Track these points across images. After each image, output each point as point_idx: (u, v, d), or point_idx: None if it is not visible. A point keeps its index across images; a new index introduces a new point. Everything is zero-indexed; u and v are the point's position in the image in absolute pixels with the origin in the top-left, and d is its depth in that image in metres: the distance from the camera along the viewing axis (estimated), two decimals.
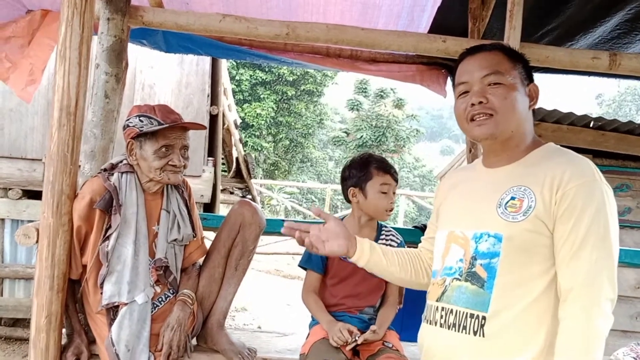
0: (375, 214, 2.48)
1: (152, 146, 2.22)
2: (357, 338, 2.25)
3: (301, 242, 1.78)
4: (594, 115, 4.96)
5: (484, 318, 1.56)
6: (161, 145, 2.22)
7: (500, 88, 1.63)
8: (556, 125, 4.81)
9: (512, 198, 1.60)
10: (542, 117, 4.72)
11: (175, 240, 2.32)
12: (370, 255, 1.82)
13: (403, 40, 2.83)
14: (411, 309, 2.72)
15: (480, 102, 1.64)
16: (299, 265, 2.59)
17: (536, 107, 1.73)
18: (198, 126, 2.35)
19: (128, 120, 2.25)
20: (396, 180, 2.46)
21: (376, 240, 2.51)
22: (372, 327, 2.30)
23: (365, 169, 2.46)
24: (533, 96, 1.70)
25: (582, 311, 1.46)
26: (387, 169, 2.44)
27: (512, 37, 2.74)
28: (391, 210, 2.45)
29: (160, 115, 2.23)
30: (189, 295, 2.32)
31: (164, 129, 2.21)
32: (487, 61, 1.67)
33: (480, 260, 1.60)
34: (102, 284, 2.16)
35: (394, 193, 2.45)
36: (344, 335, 2.23)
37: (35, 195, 5.64)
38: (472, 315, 1.59)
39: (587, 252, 1.48)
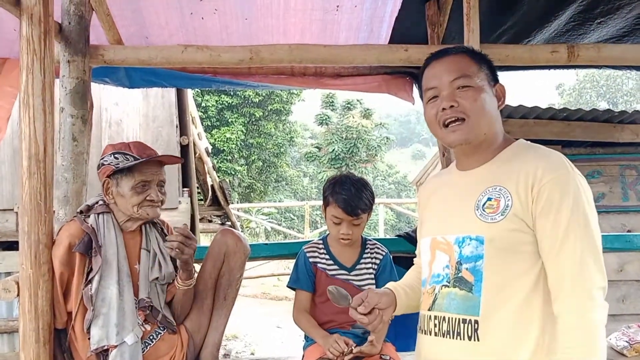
0: (332, 236, 2.50)
1: (128, 182, 2.20)
2: (352, 348, 2.24)
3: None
4: (557, 106, 5.07)
5: (476, 322, 1.56)
6: (138, 181, 2.20)
7: (469, 91, 1.64)
8: (523, 121, 4.89)
9: (489, 199, 1.60)
10: (508, 113, 4.80)
11: (156, 278, 2.29)
12: (406, 302, 1.84)
13: (366, 53, 2.85)
14: (404, 319, 2.71)
15: (452, 106, 1.63)
16: (288, 286, 2.57)
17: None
18: (174, 159, 2.35)
19: (102, 159, 2.24)
20: (354, 215, 2.36)
21: (361, 255, 2.52)
22: (370, 338, 2.28)
23: (327, 192, 2.45)
24: (500, 96, 1.71)
25: (577, 306, 1.47)
26: (340, 203, 2.36)
27: (472, 39, 2.79)
28: (345, 239, 2.41)
29: (135, 151, 2.23)
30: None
31: (140, 164, 2.20)
32: (454, 65, 1.68)
33: (466, 265, 1.60)
34: (88, 328, 2.12)
35: (356, 225, 2.39)
36: (340, 345, 2.22)
37: (10, 246, 5.52)
38: (464, 321, 1.58)
39: (571, 244, 1.49)
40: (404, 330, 2.72)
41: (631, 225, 5.07)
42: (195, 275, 2.32)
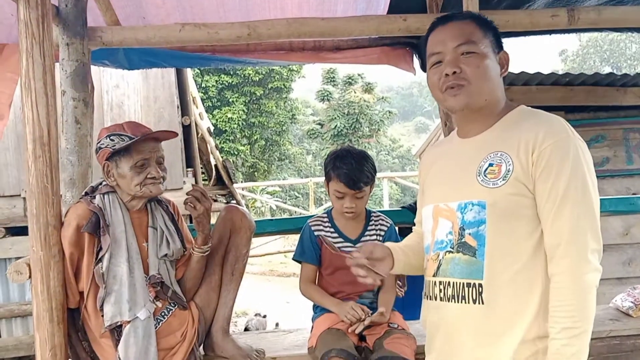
0: (336, 210, 2.51)
1: (127, 163, 2.21)
2: (368, 316, 2.27)
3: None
4: (560, 72, 5.04)
5: (480, 286, 1.58)
6: (136, 160, 2.21)
7: (473, 57, 1.63)
8: (526, 87, 4.87)
9: (490, 164, 1.61)
10: (510, 81, 4.77)
11: (165, 255, 2.32)
12: (404, 259, 1.85)
13: (364, 24, 2.84)
14: (410, 288, 2.76)
15: (454, 72, 1.63)
16: (293, 259, 2.60)
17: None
18: (169, 134, 2.35)
19: (99, 143, 2.25)
20: (357, 189, 2.38)
21: (366, 227, 2.54)
22: (381, 309, 2.32)
23: (328, 167, 2.46)
24: (504, 63, 1.71)
25: (570, 268, 1.49)
26: (342, 177, 2.38)
27: (471, 6, 2.77)
28: (349, 212, 2.43)
29: (130, 131, 2.23)
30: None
31: (137, 143, 2.20)
32: (459, 30, 1.67)
33: (469, 230, 1.62)
34: (101, 306, 2.15)
35: (359, 198, 2.41)
36: (357, 312, 2.26)
37: (19, 231, 5.57)
38: (469, 285, 1.61)
39: (569, 208, 1.51)
40: (411, 299, 2.76)
41: (636, 188, 5.07)
42: (211, 242, 2.35)
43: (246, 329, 6.74)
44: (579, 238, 1.50)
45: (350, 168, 2.37)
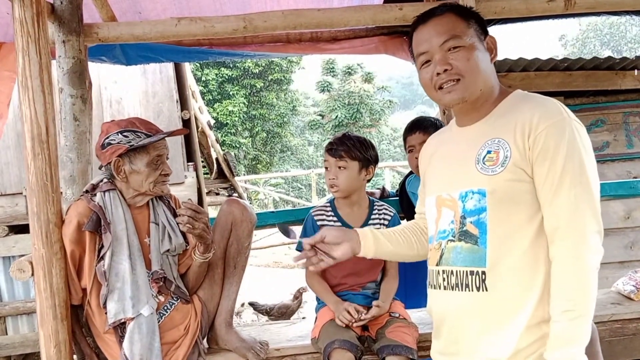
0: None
1: (143, 159, 2.23)
2: (362, 316, 2.29)
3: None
4: (560, 57, 5.01)
5: (483, 273, 1.59)
6: (153, 156, 2.24)
7: (461, 51, 1.63)
8: (524, 73, 4.85)
9: (488, 152, 1.62)
10: (509, 67, 4.75)
11: (167, 250, 2.33)
12: (376, 247, 1.85)
13: (360, 14, 2.83)
14: (413, 277, 2.77)
15: (446, 70, 1.64)
16: (297, 249, 2.61)
17: (501, 58, 1.74)
18: (182, 131, 2.47)
19: (108, 138, 2.22)
20: (336, 156, 2.45)
21: (369, 216, 2.54)
22: (375, 303, 2.34)
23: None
24: (492, 49, 1.71)
25: (570, 249, 1.50)
26: (327, 147, 2.50)
27: None
28: (332, 186, 2.48)
29: (144, 128, 2.24)
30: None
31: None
32: (442, 27, 1.66)
33: (470, 218, 1.63)
34: (104, 303, 2.17)
35: (341, 168, 2.44)
36: (350, 313, 2.27)
37: (22, 229, 5.58)
38: (472, 273, 1.62)
39: (566, 190, 1.51)
40: (414, 289, 2.78)
41: (637, 171, 5.07)
42: (213, 249, 2.34)
43: (269, 313, 6.59)
44: (577, 219, 1.50)
45: (334, 140, 2.49)
